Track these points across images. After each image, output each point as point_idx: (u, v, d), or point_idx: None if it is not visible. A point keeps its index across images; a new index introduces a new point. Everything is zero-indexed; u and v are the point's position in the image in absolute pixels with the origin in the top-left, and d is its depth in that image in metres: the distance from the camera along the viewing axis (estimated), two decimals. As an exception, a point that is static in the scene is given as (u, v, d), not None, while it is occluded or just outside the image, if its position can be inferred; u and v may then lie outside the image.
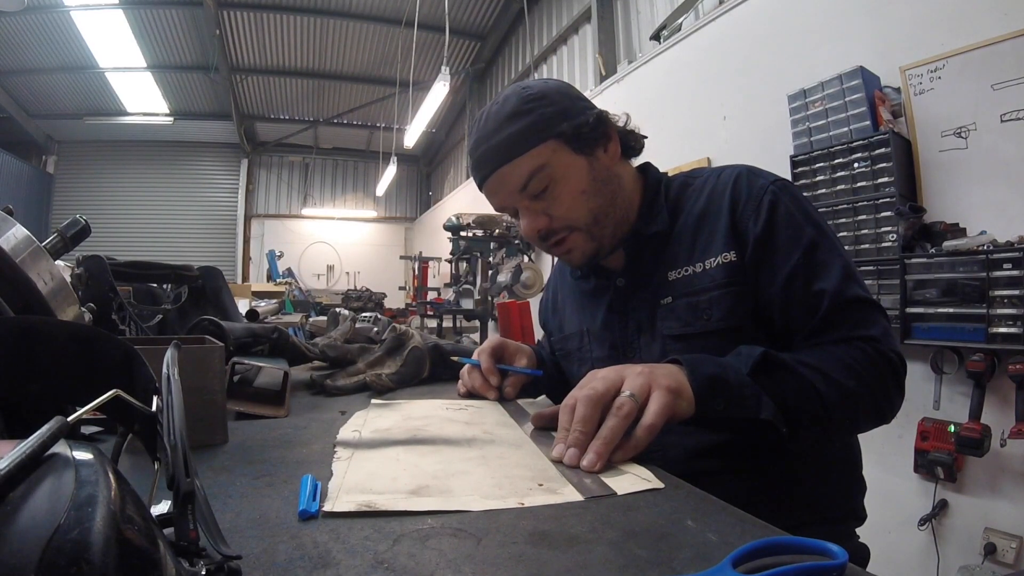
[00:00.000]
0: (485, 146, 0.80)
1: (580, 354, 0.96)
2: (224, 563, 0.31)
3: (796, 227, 0.75)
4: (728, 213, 0.78)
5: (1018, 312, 1.60)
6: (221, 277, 1.46)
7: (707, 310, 0.77)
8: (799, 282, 0.74)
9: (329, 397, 1.01)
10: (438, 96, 5.37)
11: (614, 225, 0.84)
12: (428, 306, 5.93)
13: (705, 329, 0.77)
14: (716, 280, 0.77)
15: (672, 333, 0.80)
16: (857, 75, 2.08)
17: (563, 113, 0.79)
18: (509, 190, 0.81)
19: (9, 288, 0.58)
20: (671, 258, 0.82)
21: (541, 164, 0.78)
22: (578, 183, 0.80)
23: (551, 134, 0.78)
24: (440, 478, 0.57)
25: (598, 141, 0.82)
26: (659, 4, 4.26)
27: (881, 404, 0.74)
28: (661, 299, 0.82)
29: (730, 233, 0.77)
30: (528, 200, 0.81)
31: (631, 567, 0.40)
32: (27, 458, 0.23)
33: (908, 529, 1.91)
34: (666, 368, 0.64)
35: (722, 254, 0.77)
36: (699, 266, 0.79)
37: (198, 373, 0.67)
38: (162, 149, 10.69)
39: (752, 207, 0.77)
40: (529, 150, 0.78)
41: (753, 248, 0.76)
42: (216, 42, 7.31)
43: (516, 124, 0.78)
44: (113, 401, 0.33)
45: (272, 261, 9.71)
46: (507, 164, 0.79)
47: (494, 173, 0.81)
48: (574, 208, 0.80)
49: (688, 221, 0.83)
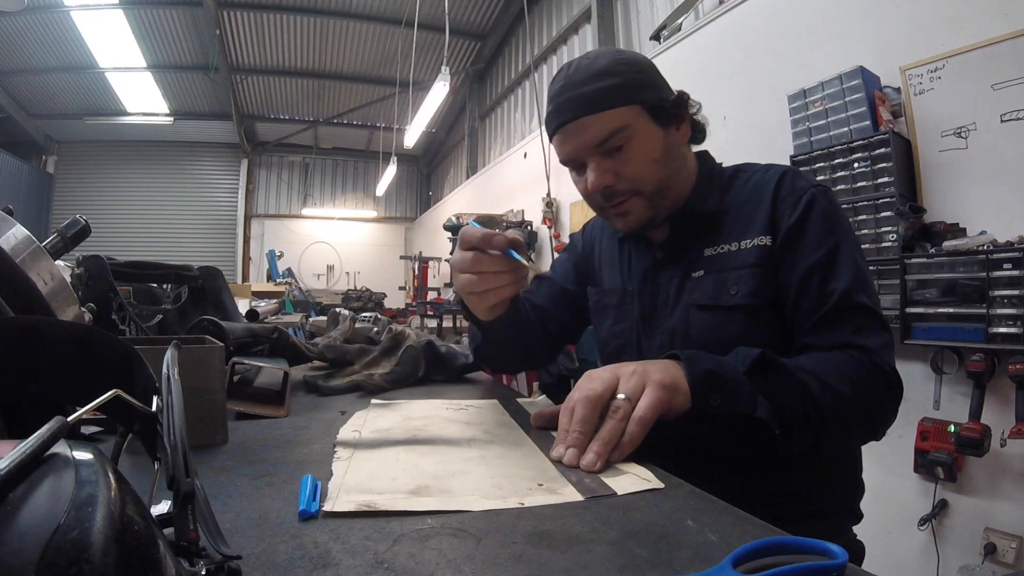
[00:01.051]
0: (572, 93, 0.81)
1: (620, 311, 0.97)
2: (224, 563, 0.31)
3: (826, 228, 0.79)
4: (770, 202, 0.82)
5: (1018, 312, 1.60)
6: (221, 277, 1.46)
7: (734, 285, 0.81)
8: (816, 277, 0.77)
9: (323, 397, 1.01)
10: (438, 96, 5.37)
11: (672, 199, 0.87)
12: (428, 306, 5.93)
13: (729, 304, 0.80)
14: (747, 260, 0.81)
15: (698, 303, 0.84)
16: (857, 75, 2.08)
17: (650, 84, 0.84)
18: (586, 141, 0.82)
19: (9, 288, 0.58)
20: (710, 236, 0.86)
21: (623, 124, 0.81)
22: (652, 150, 0.83)
23: (637, 99, 0.81)
24: (440, 478, 0.57)
25: (674, 118, 0.86)
26: (659, 4, 4.26)
27: (875, 417, 0.75)
28: (693, 272, 0.86)
29: (768, 220, 0.81)
30: (600, 156, 0.83)
31: (631, 567, 0.40)
32: (27, 458, 0.23)
33: (908, 529, 1.91)
34: (661, 364, 0.65)
35: (758, 237, 0.81)
36: (735, 245, 0.83)
37: (198, 373, 0.67)
38: (162, 149, 10.69)
39: (792, 200, 0.81)
40: (615, 108, 0.80)
41: (784, 236, 0.80)
42: (216, 42, 7.31)
43: (606, 81, 0.80)
44: (113, 401, 0.33)
45: (272, 261, 9.71)
46: (591, 115, 0.81)
47: (575, 121, 0.82)
48: (644, 173, 0.83)
49: (733, 205, 0.87)
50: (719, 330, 0.81)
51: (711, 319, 0.82)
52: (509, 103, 7.65)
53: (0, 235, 0.59)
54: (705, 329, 0.83)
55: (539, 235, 5.38)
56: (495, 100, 8.10)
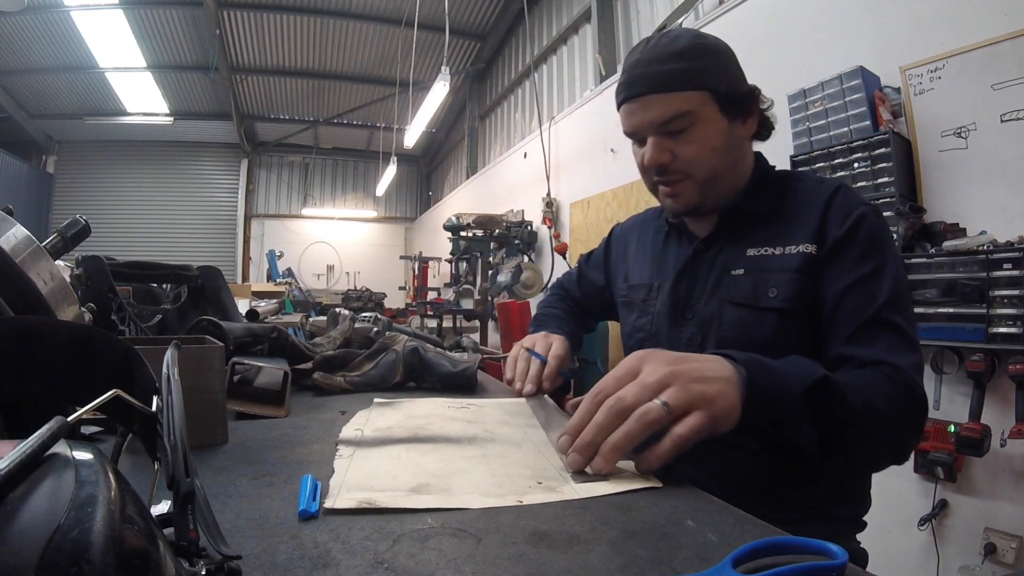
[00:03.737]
0: (645, 69, 0.83)
1: (644, 306, 0.98)
2: (224, 563, 0.31)
3: (872, 247, 0.79)
4: (820, 213, 0.82)
5: (1018, 312, 1.60)
6: (221, 277, 1.46)
7: (773, 288, 0.81)
8: (857, 291, 0.77)
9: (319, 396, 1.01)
10: (438, 96, 5.37)
11: (723, 190, 0.87)
12: (428, 306, 5.93)
13: (765, 305, 0.81)
14: (790, 265, 0.81)
15: (734, 300, 0.84)
16: (857, 75, 2.08)
17: (725, 73, 0.84)
18: (651, 118, 0.83)
19: (9, 288, 0.58)
20: (754, 236, 0.86)
21: (689, 109, 0.81)
22: (714, 139, 0.83)
23: (708, 86, 0.81)
24: (440, 476, 0.57)
25: (742, 111, 0.86)
26: (659, 4, 4.26)
27: (904, 440, 0.74)
28: (733, 269, 0.86)
29: (816, 230, 0.81)
30: (660, 135, 0.83)
31: (631, 567, 0.40)
32: (27, 458, 0.23)
33: (908, 529, 1.91)
34: (720, 380, 0.58)
35: (803, 244, 0.81)
36: (779, 249, 0.83)
37: (198, 373, 0.67)
38: (162, 149, 10.69)
39: (842, 213, 0.81)
40: (683, 91, 0.81)
41: (831, 246, 0.80)
42: (216, 42, 7.30)
43: (681, 63, 0.81)
44: (113, 401, 0.33)
45: (272, 261, 9.71)
46: (660, 94, 0.81)
47: (644, 96, 0.83)
48: (700, 159, 0.83)
49: (781, 209, 0.87)
50: (750, 329, 0.82)
51: (744, 317, 0.83)
52: (509, 103, 7.66)
53: (0, 235, 0.59)
54: (737, 326, 0.83)
55: (539, 235, 5.38)
56: (495, 100, 8.10)
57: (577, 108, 4.90)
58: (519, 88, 7.29)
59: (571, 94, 5.64)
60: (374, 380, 1.08)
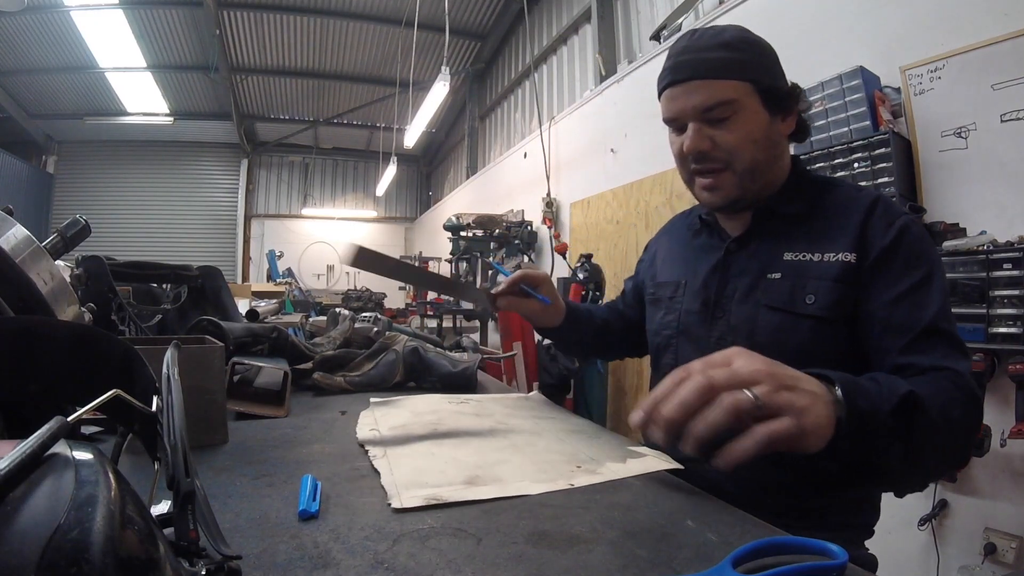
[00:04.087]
0: (691, 55, 0.83)
1: (671, 303, 0.97)
2: (224, 563, 0.31)
3: (918, 256, 0.79)
4: (860, 220, 0.81)
5: (1018, 312, 1.60)
6: (221, 277, 1.46)
7: (811, 294, 0.80)
8: (905, 304, 0.76)
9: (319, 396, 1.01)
10: (438, 96, 5.37)
11: (760, 187, 0.87)
12: (428, 306, 5.93)
13: (802, 311, 0.80)
14: (829, 273, 0.80)
15: (771, 304, 0.83)
16: (857, 75, 2.08)
17: (769, 69, 0.85)
18: (693, 103, 0.83)
19: (9, 288, 0.58)
20: (791, 240, 0.85)
21: (732, 97, 0.81)
22: (754, 130, 0.83)
23: (752, 77, 0.82)
24: (485, 467, 0.59)
25: (782, 109, 0.86)
26: (659, 4, 4.26)
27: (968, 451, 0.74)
28: (769, 273, 0.85)
29: (857, 237, 0.80)
30: (701, 122, 0.83)
31: (631, 567, 0.40)
32: (27, 458, 0.23)
33: (908, 529, 1.91)
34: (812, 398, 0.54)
35: (843, 252, 0.80)
36: (817, 256, 0.82)
37: (198, 373, 0.67)
38: (162, 149, 10.68)
39: (885, 222, 0.81)
40: (730, 79, 0.81)
41: (876, 256, 0.79)
42: (216, 42, 7.30)
43: (727, 53, 0.82)
44: (113, 401, 0.33)
45: (272, 261, 9.70)
46: (704, 80, 0.82)
47: (688, 81, 0.83)
48: (741, 148, 0.83)
49: (818, 214, 0.86)
50: (784, 333, 0.81)
51: (780, 322, 0.82)
52: (509, 103, 7.65)
53: (0, 235, 0.59)
54: (771, 330, 0.82)
55: (539, 235, 5.38)
56: (495, 100, 8.10)
57: (577, 108, 4.90)
58: (519, 88, 7.28)
59: (571, 94, 5.64)
60: (374, 380, 1.08)
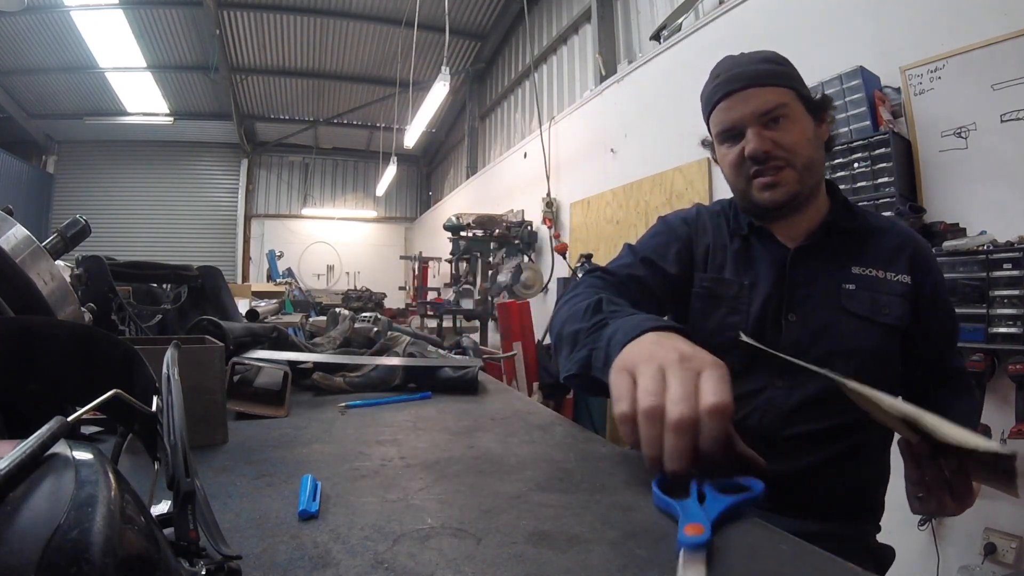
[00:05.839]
0: (741, 69, 0.93)
1: (735, 303, 0.98)
2: (224, 563, 0.31)
3: (943, 278, 1.03)
4: (911, 248, 0.97)
5: (1018, 312, 1.60)
6: (221, 277, 1.46)
7: (886, 307, 0.93)
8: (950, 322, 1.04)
9: (319, 396, 1.01)
10: (438, 96, 5.37)
11: (812, 186, 0.95)
12: (428, 306, 5.93)
13: (880, 320, 0.93)
14: (897, 290, 0.94)
15: (856, 312, 0.93)
16: (857, 75, 2.08)
17: (802, 81, 0.97)
18: (751, 109, 0.91)
19: (9, 288, 0.58)
20: (854, 255, 0.96)
21: (785, 102, 0.91)
22: (806, 130, 0.93)
23: (795, 87, 0.94)
24: None
25: (819, 115, 0.97)
26: (659, 4, 4.26)
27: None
28: (844, 284, 0.94)
29: (909, 263, 0.96)
30: (759, 126, 0.91)
31: (631, 567, 0.40)
32: (27, 458, 0.23)
33: (908, 529, 1.90)
34: None
35: (901, 274, 0.95)
36: (883, 273, 0.95)
37: (198, 373, 0.67)
38: (162, 149, 10.68)
39: (929, 256, 1.00)
40: (779, 86, 0.92)
41: (931, 290, 0.97)
42: (216, 42, 7.30)
43: (772, 65, 0.94)
44: (113, 401, 0.33)
45: (272, 261, 9.71)
46: (760, 87, 0.91)
47: (744, 90, 0.92)
48: (799, 145, 0.91)
49: (872, 234, 0.98)
50: (860, 338, 0.92)
51: (862, 328, 0.92)
52: (509, 103, 7.65)
53: (0, 235, 0.59)
54: (854, 335, 0.92)
55: (539, 235, 5.38)
56: (495, 100, 8.10)
57: (577, 108, 4.90)
58: (519, 88, 7.28)
59: (571, 94, 5.64)
60: (374, 381, 1.08)
